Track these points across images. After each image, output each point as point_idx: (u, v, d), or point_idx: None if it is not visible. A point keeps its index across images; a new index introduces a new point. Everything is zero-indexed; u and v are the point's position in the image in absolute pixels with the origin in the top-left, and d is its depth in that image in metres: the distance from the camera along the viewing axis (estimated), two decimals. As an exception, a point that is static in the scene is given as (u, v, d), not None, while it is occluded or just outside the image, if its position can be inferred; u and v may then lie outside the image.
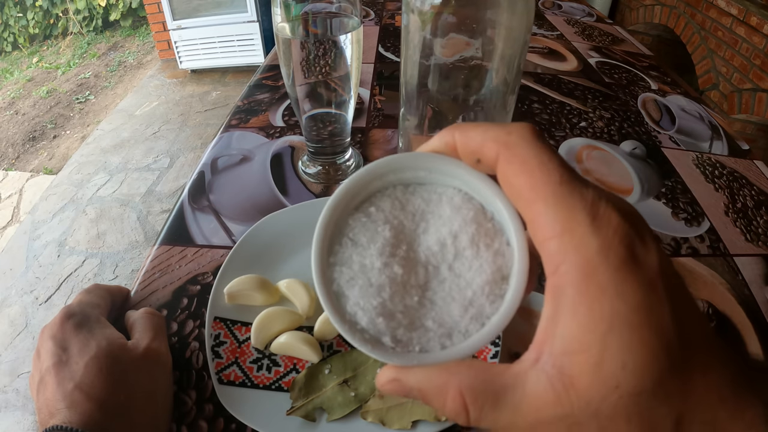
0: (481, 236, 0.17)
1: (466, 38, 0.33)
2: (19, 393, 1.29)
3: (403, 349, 0.16)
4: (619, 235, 0.14)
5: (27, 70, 3.40)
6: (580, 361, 0.14)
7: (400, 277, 0.17)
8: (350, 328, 0.16)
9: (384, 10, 0.98)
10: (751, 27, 1.70)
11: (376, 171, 0.18)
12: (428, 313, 0.17)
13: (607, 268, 0.13)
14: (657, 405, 0.13)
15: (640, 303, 0.13)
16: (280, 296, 0.37)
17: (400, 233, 0.18)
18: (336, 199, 0.18)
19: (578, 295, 0.14)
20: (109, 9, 3.66)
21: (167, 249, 0.43)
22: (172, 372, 0.32)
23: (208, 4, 2.60)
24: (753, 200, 0.53)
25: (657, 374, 0.13)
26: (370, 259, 0.17)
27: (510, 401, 0.15)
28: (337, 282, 0.17)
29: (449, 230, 0.17)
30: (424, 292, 0.17)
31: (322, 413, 0.30)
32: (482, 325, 0.16)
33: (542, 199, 0.14)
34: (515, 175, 0.15)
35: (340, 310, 0.17)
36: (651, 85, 0.74)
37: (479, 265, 0.17)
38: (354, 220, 0.18)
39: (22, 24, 3.70)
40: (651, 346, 0.13)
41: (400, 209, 0.18)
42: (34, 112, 2.82)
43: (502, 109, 0.39)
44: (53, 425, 0.25)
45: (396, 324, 0.17)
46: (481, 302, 0.17)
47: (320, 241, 0.17)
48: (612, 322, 0.13)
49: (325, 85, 0.43)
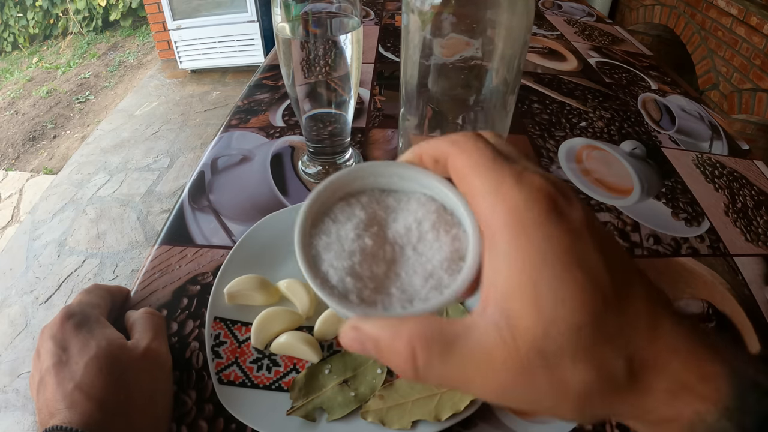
0: (442, 224, 0.20)
1: (466, 38, 0.33)
2: (19, 393, 1.29)
3: (368, 307, 0.18)
4: (542, 191, 0.15)
5: (27, 70, 3.40)
6: (518, 303, 0.15)
7: (370, 248, 0.20)
8: (322, 284, 0.19)
9: (384, 10, 0.98)
10: (751, 27, 1.70)
11: (358, 173, 0.21)
12: (393, 283, 0.19)
13: (532, 217, 0.15)
14: (601, 343, 0.14)
15: (567, 246, 0.14)
16: (280, 296, 0.37)
17: (373, 218, 0.21)
18: (322, 187, 0.21)
19: (509, 243, 0.15)
20: (109, 9, 3.66)
21: (167, 249, 0.43)
22: (172, 372, 0.32)
23: (208, 4, 2.60)
24: (753, 200, 0.53)
25: (592, 309, 0.14)
26: (346, 231, 0.20)
27: (459, 350, 0.15)
28: (315, 247, 0.20)
29: (414, 218, 0.21)
30: (390, 265, 0.20)
31: (322, 413, 0.30)
32: (441, 294, 0.18)
33: (476, 173, 0.16)
34: (457, 160, 0.17)
35: (315, 268, 0.19)
36: (651, 85, 0.74)
37: (439, 246, 0.20)
38: (335, 207, 0.21)
39: (22, 24, 3.70)
40: (583, 284, 0.14)
41: (376, 203, 0.22)
42: (34, 112, 2.82)
43: (502, 109, 0.38)
44: (53, 425, 0.25)
45: (362, 285, 0.19)
46: (440, 275, 0.19)
47: (305, 215, 0.20)
48: (543, 263, 0.14)
49: (325, 85, 0.43)
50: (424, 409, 0.30)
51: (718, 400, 0.14)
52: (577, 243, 0.15)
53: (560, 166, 0.55)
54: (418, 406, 0.30)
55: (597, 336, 0.14)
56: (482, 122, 0.39)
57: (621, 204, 0.50)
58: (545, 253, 0.14)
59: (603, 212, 0.49)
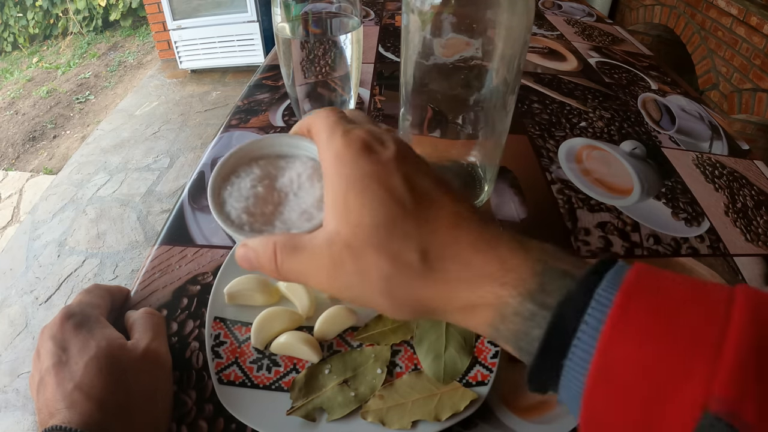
0: (315, 176, 0.27)
1: (466, 38, 0.33)
2: (19, 393, 1.29)
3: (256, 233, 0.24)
4: (360, 139, 0.20)
5: (27, 70, 3.40)
6: (335, 216, 0.20)
7: (261, 194, 0.27)
8: (225, 219, 0.25)
9: (384, 10, 0.98)
10: (751, 27, 1.70)
11: (260, 143, 0.29)
12: (277, 218, 0.26)
13: (348, 155, 0.20)
14: (397, 239, 0.19)
15: (372, 173, 0.19)
16: (280, 296, 0.37)
17: (266, 174, 0.28)
18: (231, 153, 0.28)
19: (331, 176, 0.20)
20: (109, 9, 3.66)
21: (167, 249, 0.43)
22: (172, 372, 0.32)
23: (208, 4, 2.60)
24: (753, 200, 0.53)
25: (390, 214, 0.19)
26: (245, 183, 0.27)
27: (302, 252, 0.21)
28: (223, 195, 0.27)
29: (296, 173, 0.28)
30: (277, 206, 0.26)
31: (322, 413, 0.30)
32: (310, 223, 0.24)
33: (321, 132, 0.22)
34: (313, 126, 0.24)
35: (220, 208, 0.26)
36: (651, 85, 0.74)
37: (312, 191, 0.27)
38: (240, 168, 0.28)
39: (22, 24, 3.70)
40: (382, 197, 0.19)
41: (270, 165, 0.29)
42: (34, 112, 2.82)
43: (502, 109, 0.38)
44: (53, 425, 0.25)
45: (254, 220, 0.26)
46: (311, 211, 0.26)
47: (216, 173, 0.27)
48: (352, 185, 0.19)
49: (325, 85, 0.43)
50: (424, 409, 0.30)
51: (520, 286, 0.17)
52: (382, 171, 0.19)
53: (560, 166, 0.55)
54: (418, 406, 0.30)
55: (393, 234, 0.19)
56: (482, 122, 0.39)
57: (621, 204, 0.50)
58: (354, 179, 0.19)
59: (603, 212, 0.49)
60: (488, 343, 0.33)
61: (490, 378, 0.32)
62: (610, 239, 0.46)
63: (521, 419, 0.32)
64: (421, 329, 0.34)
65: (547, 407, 0.32)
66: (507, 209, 0.47)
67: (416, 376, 0.32)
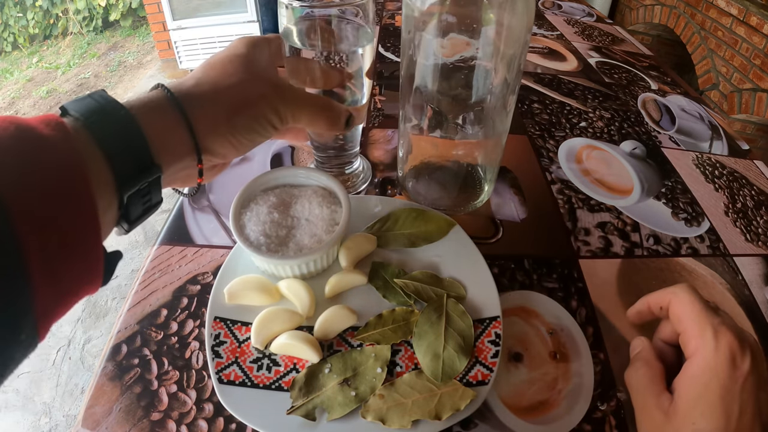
0: (325, 203, 0.32)
1: (466, 38, 0.33)
2: (19, 393, 1.29)
3: (272, 253, 0.32)
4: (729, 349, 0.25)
5: (27, 70, 3.40)
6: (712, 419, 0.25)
7: (277, 219, 0.32)
8: (245, 240, 0.31)
9: (384, 10, 0.98)
10: (751, 27, 1.71)
11: (275, 174, 0.35)
12: (291, 241, 0.31)
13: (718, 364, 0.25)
14: None
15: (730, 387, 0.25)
16: (280, 296, 0.37)
17: (281, 202, 0.33)
18: (251, 183, 0.34)
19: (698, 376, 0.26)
20: (109, 9, 3.66)
21: (167, 249, 0.43)
22: (173, 368, 0.32)
23: (208, 4, 2.60)
24: (753, 200, 0.53)
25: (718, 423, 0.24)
26: (262, 209, 0.33)
27: None
28: (242, 219, 0.32)
29: (308, 200, 0.33)
30: (290, 230, 0.32)
31: (322, 412, 0.30)
32: (320, 245, 0.30)
33: (690, 319, 0.27)
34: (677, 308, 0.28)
35: (242, 232, 0.31)
36: (651, 85, 0.74)
37: (322, 216, 0.32)
38: (258, 196, 0.34)
39: (22, 24, 3.70)
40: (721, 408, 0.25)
41: (286, 193, 0.34)
42: (34, 112, 2.82)
43: (502, 109, 0.38)
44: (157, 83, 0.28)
45: (270, 242, 0.31)
46: (321, 234, 0.31)
47: (237, 200, 0.33)
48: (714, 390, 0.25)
49: (335, 97, 0.40)
50: (424, 408, 0.30)
51: None
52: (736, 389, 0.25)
53: (560, 166, 0.55)
54: (418, 406, 0.30)
55: None
56: (482, 122, 0.39)
57: (621, 204, 0.50)
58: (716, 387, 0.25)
59: (603, 212, 0.49)
60: (489, 343, 0.34)
61: (490, 378, 0.32)
62: (610, 239, 0.46)
63: (521, 419, 0.32)
64: (420, 329, 0.34)
65: (547, 407, 0.32)
66: (507, 209, 0.47)
67: (416, 376, 0.32)
